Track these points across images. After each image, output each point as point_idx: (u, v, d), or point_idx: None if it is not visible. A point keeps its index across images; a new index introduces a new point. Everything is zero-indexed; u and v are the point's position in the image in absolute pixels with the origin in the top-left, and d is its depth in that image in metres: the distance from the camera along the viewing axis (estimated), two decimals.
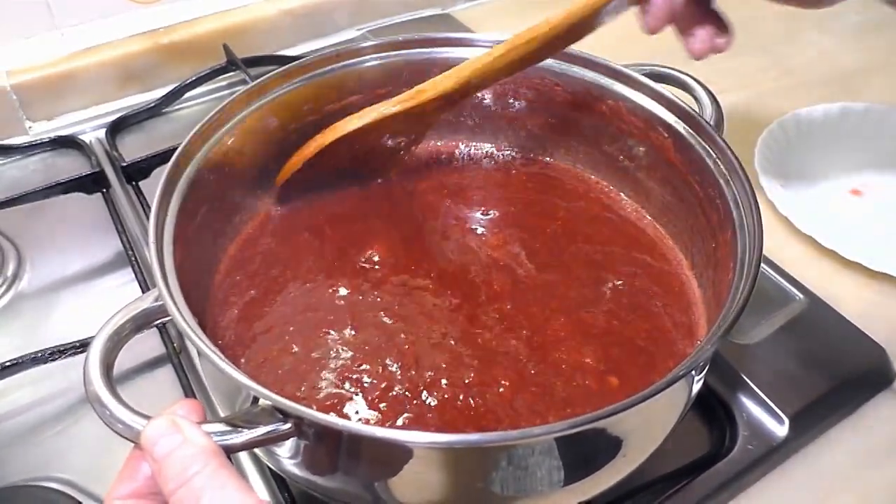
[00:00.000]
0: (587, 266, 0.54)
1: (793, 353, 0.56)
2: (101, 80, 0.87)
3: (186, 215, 0.48)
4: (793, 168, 0.74)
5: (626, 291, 0.53)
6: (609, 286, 0.53)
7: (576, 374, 0.47)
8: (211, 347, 0.38)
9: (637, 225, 0.59)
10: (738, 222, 0.46)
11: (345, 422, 0.35)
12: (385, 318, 0.50)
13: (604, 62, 0.57)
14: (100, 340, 0.39)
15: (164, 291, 0.41)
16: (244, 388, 0.37)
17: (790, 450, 0.53)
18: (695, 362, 0.38)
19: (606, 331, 0.50)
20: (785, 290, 0.61)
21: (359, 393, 0.46)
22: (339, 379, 0.47)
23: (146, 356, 0.60)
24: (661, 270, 0.55)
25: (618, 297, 0.52)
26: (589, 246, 0.56)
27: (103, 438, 0.41)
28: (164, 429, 0.34)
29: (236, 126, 0.54)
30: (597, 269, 0.54)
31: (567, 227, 0.58)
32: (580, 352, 0.48)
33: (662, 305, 0.52)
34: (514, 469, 0.37)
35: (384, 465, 0.39)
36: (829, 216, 0.70)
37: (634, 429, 0.40)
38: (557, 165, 0.64)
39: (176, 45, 0.89)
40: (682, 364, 0.37)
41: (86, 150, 0.81)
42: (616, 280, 0.53)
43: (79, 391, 0.57)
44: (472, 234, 0.57)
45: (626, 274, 0.54)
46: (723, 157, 0.50)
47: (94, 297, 0.66)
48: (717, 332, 0.39)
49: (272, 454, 0.41)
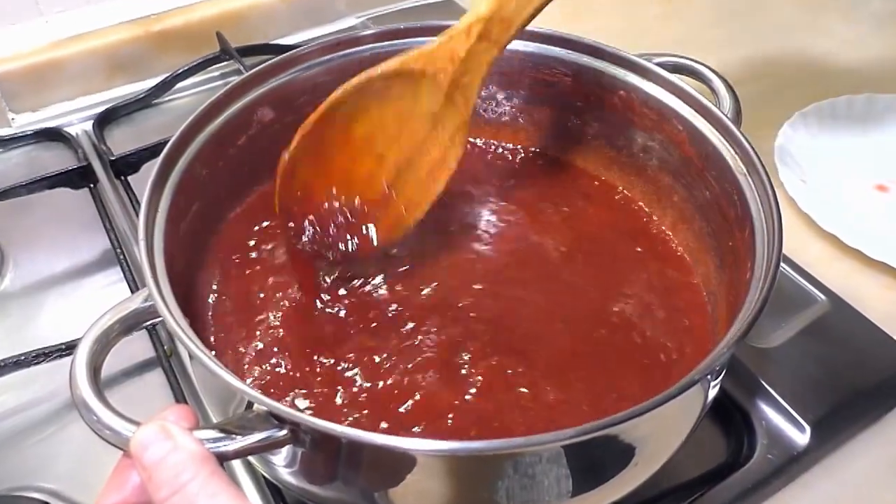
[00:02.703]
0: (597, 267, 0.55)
1: (814, 358, 0.57)
2: (88, 69, 0.87)
3: (178, 212, 0.48)
4: (815, 162, 0.74)
5: (638, 293, 0.53)
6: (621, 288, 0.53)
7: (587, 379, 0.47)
8: (203, 350, 0.38)
9: (649, 222, 0.59)
10: (756, 220, 0.47)
11: (344, 428, 0.35)
12: (386, 324, 0.51)
13: (615, 51, 0.57)
14: (87, 342, 0.39)
15: (155, 291, 0.41)
16: (238, 393, 0.37)
17: (812, 459, 0.53)
18: (710, 366, 0.38)
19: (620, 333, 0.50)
20: (806, 291, 0.61)
21: (358, 399, 0.46)
22: (336, 385, 0.47)
23: (135, 359, 0.60)
24: (674, 270, 0.55)
25: (630, 299, 0.52)
26: (599, 245, 0.56)
27: (90, 445, 0.41)
28: (154, 435, 0.34)
29: (230, 118, 0.54)
30: (608, 270, 0.54)
31: (575, 226, 0.58)
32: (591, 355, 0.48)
33: (677, 308, 0.52)
34: (521, 477, 0.37)
35: (385, 474, 0.39)
36: (853, 213, 0.70)
37: (647, 436, 0.40)
38: (566, 160, 0.64)
39: (167, 33, 0.89)
40: (698, 368, 0.37)
41: (72, 143, 0.81)
42: (628, 281, 0.53)
43: (64, 396, 0.57)
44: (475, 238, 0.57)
45: (639, 274, 0.54)
46: (740, 150, 0.50)
47: (81, 298, 0.66)
48: (735, 335, 0.39)
49: (267, 462, 0.42)
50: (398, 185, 0.52)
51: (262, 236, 0.57)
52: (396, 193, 0.52)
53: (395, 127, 0.50)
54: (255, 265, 0.55)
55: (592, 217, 0.59)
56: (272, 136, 0.58)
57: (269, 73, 0.57)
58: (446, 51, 0.46)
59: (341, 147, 0.51)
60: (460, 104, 0.48)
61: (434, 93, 0.48)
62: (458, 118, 0.49)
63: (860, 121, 0.78)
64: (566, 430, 0.34)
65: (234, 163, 0.56)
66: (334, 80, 0.59)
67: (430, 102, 0.49)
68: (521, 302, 0.52)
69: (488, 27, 0.46)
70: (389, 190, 0.52)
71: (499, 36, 0.46)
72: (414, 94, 0.48)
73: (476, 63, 0.47)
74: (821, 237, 0.67)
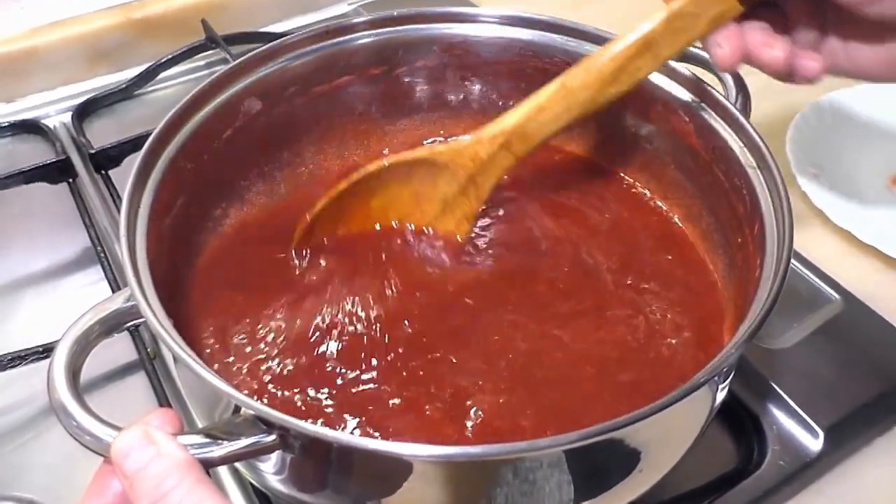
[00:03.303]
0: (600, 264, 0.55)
1: (828, 359, 0.57)
2: (66, 58, 0.87)
3: (161, 208, 0.49)
4: (828, 156, 0.74)
5: (642, 292, 0.53)
6: (624, 285, 0.53)
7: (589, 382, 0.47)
8: (188, 352, 0.38)
9: (654, 217, 0.59)
10: (766, 215, 0.47)
11: (336, 433, 0.35)
12: (380, 324, 0.51)
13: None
14: (65, 344, 0.39)
15: (137, 291, 0.41)
16: (225, 396, 0.37)
17: (825, 466, 0.53)
18: (718, 367, 0.38)
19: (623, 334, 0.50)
20: (819, 289, 0.61)
21: (350, 402, 0.46)
22: (328, 388, 0.47)
23: (116, 362, 0.60)
24: (680, 268, 0.55)
25: (634, 299, 0.53)
26: (603, 241, 0.56)
27: (69, 452, 0.41)
28: (137, 441, 0.34)
29: (216, 110, 0.54)
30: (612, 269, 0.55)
31: (579, 219, 0.58)
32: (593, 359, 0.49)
33: (682, 307, 0.52)
34: (521, 483, 0.37)
35: (379, 482, 0.39)
36: (868, 208, 0.70)
37: (652, 441, 0.40)
38: (567, 151, 0.64)
39: (150, 21, 0.89)
40: (705, 369, 0.38)
41: (50, 135, 0.81)
42: (632, 280, 0.54)
43: (42, 400, 0.57)
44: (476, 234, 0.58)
45: (643, 273, 0.54)
46: (750, 143, 0.50)
47: (59, 298, 0.66)
48: (744, 335, 0.39)
49: (255, 469, 0.42)
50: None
51: (251, 235, 0.57)
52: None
53: (412, 204, 0.57)
54: (242, 266, 0.55)
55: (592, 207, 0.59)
56: (260, 129, 0.58)
57: (256, 63, 0.57)
58: (471, 151, 0.53)
59: (357, 213, 0.56)
60: (472, 197, 0.55)
61: (451, 183, 0.55)
62: (468, 208, 0.56)
63: (877, 112, 0.77)
64: (568, 434, 0.34)
65: (221, 157, 0.56)
66: (325, 70, 0.59)
67: (446, 190, 0.55)
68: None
69: (510, 139, 0.52)
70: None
71: (517, 148, 0.53)
72: (434, 181, 0.55)
73: (493, 167, 0.54)
74: (835, 233, 0.67)
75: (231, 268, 0.55)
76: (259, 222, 0.59)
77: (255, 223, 0.58)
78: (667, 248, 0.56)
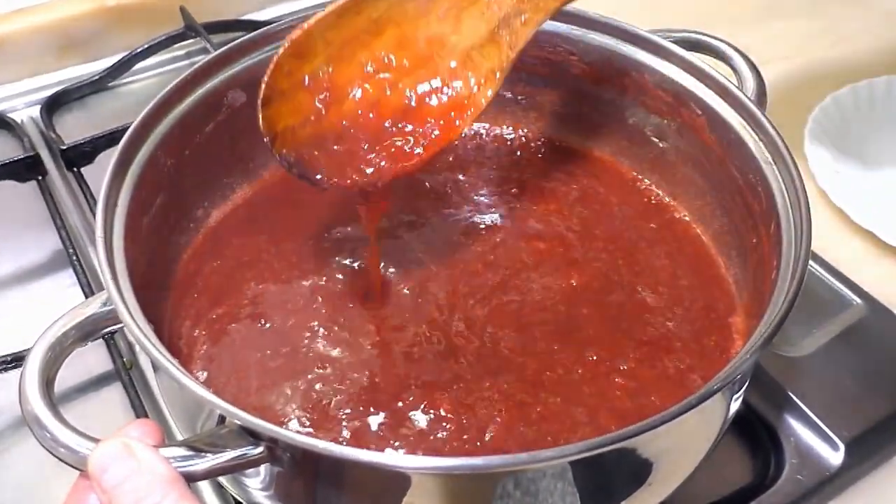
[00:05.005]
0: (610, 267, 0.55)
1: (849, 368, 0.57)
2: (34, 48, 0.87)
3: (140, 206, 0.49)
4: (849, 151, 0.74)
5: (653, 295, 0.54)
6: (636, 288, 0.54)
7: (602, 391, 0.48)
8: (169, 359, 0.39)
9: (665, 217, 0.59)
10: (783, 213, 0.47)
11: (327, 444, 0.35)
12: (370, 326, 0.51)
13: (626, 27, 0.58)
14: (38, 351, 0.39)
15: (115, 294, 0.41)
16: (208, 406, 0.38)
17: (846, 480, 0.53)
18: (731, 375, 0.38)
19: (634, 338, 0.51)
20: (840, 293, 0.62)
21: (338, 413, 0.46)
22: (315, 397, 0.47)
23: (91, 373, 0.60)
24: (692, 269, 0.55)
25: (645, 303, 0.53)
26: (612, 242, 0.57)
27: (42, 466, 0.42)
28: (116, 453, 0.35)
29: (198, 102, 0.55)
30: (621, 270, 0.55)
31: (586, 221, 0.59)
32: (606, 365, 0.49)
33: (695, 313, 0.52)
34: (523, 496, 0.38)
35: (372, 496, 0.39)
36: (891, 207, 0.70)
37: (662, 453, 0.41)
38: (573, 148, 0.65)
39: (124, 7, 0.89)
40: (717, 377, 0.38)
41: (17, 130, 0.81)
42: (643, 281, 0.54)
43: (13, 412, 0.57)
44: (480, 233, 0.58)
45: (655, 274, 0.55)
46: (766, 137, 0.50)
47: (28, 304, 0.67)
48: (758, 341, 0.39)
49: (240, 483, 0.42)
50: (417, 111, 0.51)
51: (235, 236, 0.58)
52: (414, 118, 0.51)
53: (424, 53, 0.50)
54: (226, 267, 0.55)
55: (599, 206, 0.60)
56: (244, 122, 0.58)
57: (239, 53, 0.57)
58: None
59: (353, 52, 0.50)
60: (503, 45, 0.48)
61: (479, 22, 0.48)
62: (497, 60, 0.48)
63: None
64: (573, 445, 0.35)
65: (202, 151, 0.56)
66: None
67: (472, 32, 0.49)
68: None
69: None
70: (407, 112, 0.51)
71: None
72: (457, 17, 0.48)
73: (535, 7, 0.48)
74: (856, 233, 0.68)
75: (214, 270, 0.55)
76: (244, 222, 0.59)
77: (240, 223, 0.59)
78: (678, 249, 0.57)
